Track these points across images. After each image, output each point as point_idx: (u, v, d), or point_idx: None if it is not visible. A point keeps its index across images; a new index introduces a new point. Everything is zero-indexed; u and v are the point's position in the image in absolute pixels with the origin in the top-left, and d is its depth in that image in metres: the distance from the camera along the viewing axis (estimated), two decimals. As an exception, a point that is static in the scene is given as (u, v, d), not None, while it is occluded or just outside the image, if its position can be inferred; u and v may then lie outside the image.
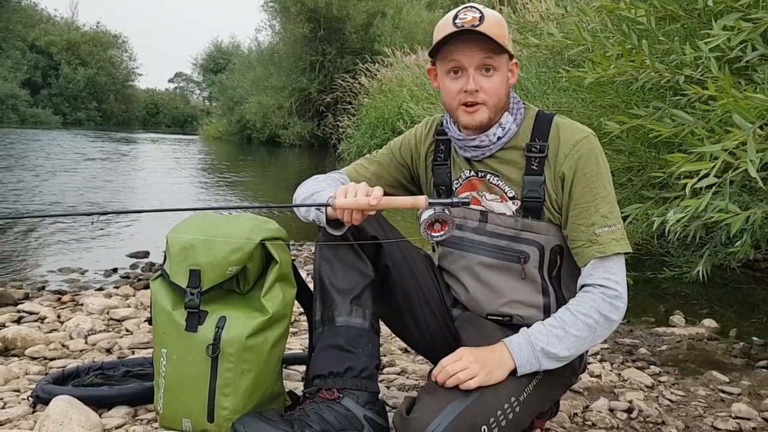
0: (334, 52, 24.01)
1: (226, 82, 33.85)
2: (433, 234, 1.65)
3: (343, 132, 16.80)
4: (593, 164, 1.68)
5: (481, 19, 1.63)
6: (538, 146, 1.72)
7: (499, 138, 1.75)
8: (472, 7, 1.68)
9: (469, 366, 1.57)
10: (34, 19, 52.61)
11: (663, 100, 3.06)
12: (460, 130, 1.79)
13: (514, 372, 1.60)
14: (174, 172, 13.26)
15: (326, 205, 1.64)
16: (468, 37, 1.63)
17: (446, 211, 1.63)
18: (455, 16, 1.66)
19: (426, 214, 1.63)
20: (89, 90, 51.88)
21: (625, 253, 1.67)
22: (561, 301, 1.75)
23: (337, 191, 1.63)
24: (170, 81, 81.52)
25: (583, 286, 1.68)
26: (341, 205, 1.60)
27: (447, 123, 1.84)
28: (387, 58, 16.25)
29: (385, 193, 1.66)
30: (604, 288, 1.63)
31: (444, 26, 1.68)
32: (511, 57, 1.72)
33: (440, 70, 1.74)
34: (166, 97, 70.98)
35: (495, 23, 1.65)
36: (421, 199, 1.63)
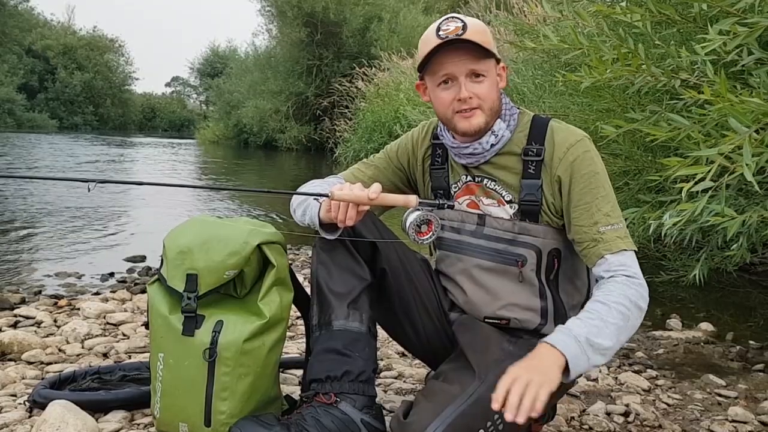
0: (331, 56, 24.04)
1: (223, 86, 33.98)
2: (422, 238, 1.66)
3: (340, 136, 16.83)
4: (589, 165, 1.68)
5: (464, 27, 1.65)
6: (534, 150, 1.72)
7: (492, 145, 1.75)
8: (453, 17, 1.69)
9: (527, 382, 1.37)
10: (30, 23, 52.65)
11: (659, 104, 3.06)
12: (454, 138, 1.80)
13: (567, 371, 1.43)
14: (171, 175, 13.24)
15: (325, 196, 1.64)
16: (454, 46, 1.64)
17: (431, 212, 1.64)
18: (438, 29, 1.67)
19: (411, 217, 1.64)
20: (86, 94, 51.97)
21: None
22: (558, 305, 1.76)
23: (333, 188, 1.64)
24: (167, 85, 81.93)
25: (601, 279, 1.62)
26: (339, 197, 1.61)
27: (441, 131, 1.85)
28: (384, 62, 16.27)
29: None
30: (626, 276, 1.58)
31: (428, 40, 1.68)
32: (498, 61, 1.72)
33: (430, 83, 1.75)
34: (163, 101, 71.03)
35: (478, 30, 1.66)
36: (412, 198, 1.65)
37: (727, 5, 2.51)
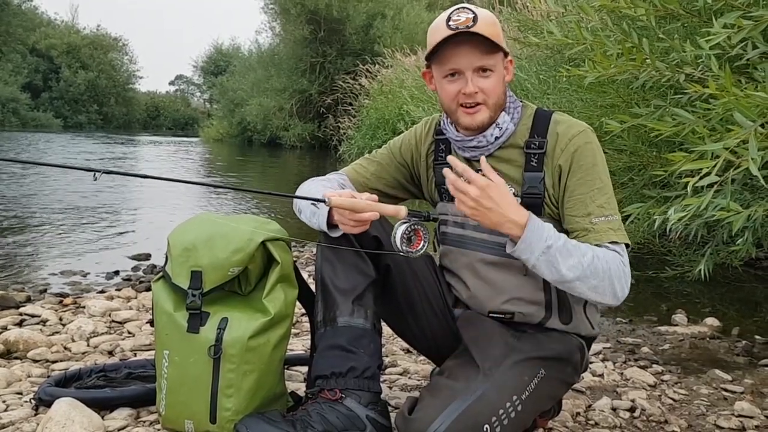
0: (335, 53, 24.04)
1: (227, 84, 33.99)
2: (415, 249, 1.66)
3: (344, 133, 16.83)
4: (589, 157, 1.68)
5: (475, 19, 1.63)
6: (537, 143, 1.72)
7: (496, 138, 1.75)
8: (464, 8, 1.67)
9: (477, 202, 1.54)
10: (34, 22, 52.69)
11: (664, 98, 3.05)
12: (458, 131, 1.79)
13: (510, 244, 1.57)
14: (176, 174, 13.26)
15: (322, 201, 1.63)
16: (463, 39, 1.63)
17: (420, 223, 1.66)
18: (448, 18, 1.66)
19: (400, 231, 1.64)
20: (90, 93, 52.00)
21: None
22: (562, 298, 1.75)
23: (330, 195, 1.63)
24: (171, 83, 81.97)
25: None
26: (336, 204, 1.61)
27: (444, 124, 1.84)
28: (387, 59, 16.25)
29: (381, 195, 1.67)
30: (621, 260, 1.60)
31: (438, 29, 1.67)
32: (506, 54, 1.72)
33: (437, 73, 1.74)
34: (167, 99, 71.05)
35: (489, 23, 1.65)
36: (402, 209, 1.66)
37: (731, -1, 2.50)
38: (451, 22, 1.64)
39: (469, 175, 1.56)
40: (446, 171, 1.59)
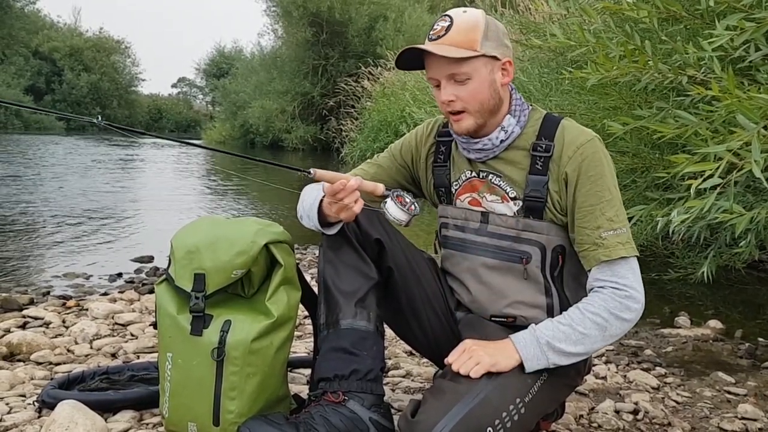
0: (337, 55, 24.05)
1: (229, 86, 34.04)
2: (412, 211, 1.71)
3: (347, 135, 16.84)
4: (597, 167, 1.67)
5: (449, 28, 1.64)
6: (543, 146, 1.71)
7: (501, 141, 1.75)
8: (445, 15, 1.68)
9: (473, 356, 1.59)
10: (37, 25, 52.76)
11: (666, 100, 3.06)
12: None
13: (521, 367, 1.60)
14: (178, 176, 13.27)
15: (307, 173, 1.67)
16: (432, 50, 1.64)
17: (398, 190, 1.74)
18: (432, 27, 1.69)
19: (389, 203, 1.71)
20: (92, 95, 52.03)
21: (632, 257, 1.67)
22: (564, 302, 1.75)
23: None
24: (173, 86, 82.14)
25: (591, 289, 1.68)
26: (321, 177, 1.66)
27: (451, 127, 1.84)
28: (389, 62, 16.26)
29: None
30: (614, 289, 1.64)
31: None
32: (496, 57, 1.68)
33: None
34: (170, 102, 71.06)
35: (462, 30, 1.64)
36: (380, 186, 1.74)
37: (733, 1, 2.50)
38: (431, 32, 1.68)
39: (453, 357, 1.63)
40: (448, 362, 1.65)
